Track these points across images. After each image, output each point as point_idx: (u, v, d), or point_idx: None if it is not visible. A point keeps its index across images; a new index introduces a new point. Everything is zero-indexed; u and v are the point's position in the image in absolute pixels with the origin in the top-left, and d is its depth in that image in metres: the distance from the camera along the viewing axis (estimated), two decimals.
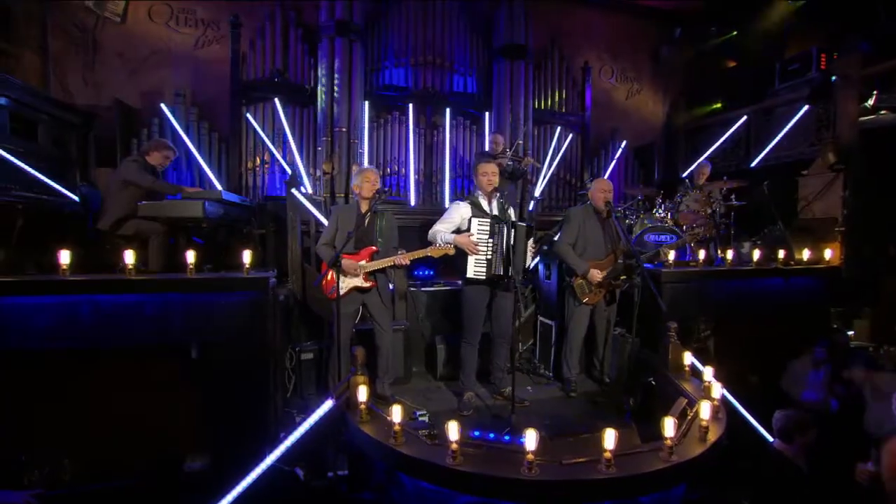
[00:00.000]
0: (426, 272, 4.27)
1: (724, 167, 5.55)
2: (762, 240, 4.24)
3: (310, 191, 4.93)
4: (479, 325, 2.91)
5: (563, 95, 6.24)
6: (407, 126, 5.43)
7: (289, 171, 4.58)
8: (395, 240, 2.93)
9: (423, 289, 3.86)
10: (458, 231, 2.87)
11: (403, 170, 5.43)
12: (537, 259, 2.94)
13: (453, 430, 1.66)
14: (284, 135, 5.08)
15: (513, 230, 2.68)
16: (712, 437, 1.88)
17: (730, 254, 3.46)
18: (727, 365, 2.61)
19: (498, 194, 2.87)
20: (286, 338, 3.16)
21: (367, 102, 5.33)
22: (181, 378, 2.35)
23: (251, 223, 3.70)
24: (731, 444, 2.10)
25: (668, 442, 1.72)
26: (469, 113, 5.75)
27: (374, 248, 2.79)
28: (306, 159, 5.22)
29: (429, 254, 2.64)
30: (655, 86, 6.88)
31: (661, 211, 4.47)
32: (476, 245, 2.72)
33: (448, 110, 5.57)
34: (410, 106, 5.43)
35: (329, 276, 2.68)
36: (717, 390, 2.01)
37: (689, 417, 1.97)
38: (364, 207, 2.79)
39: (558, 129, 6.13)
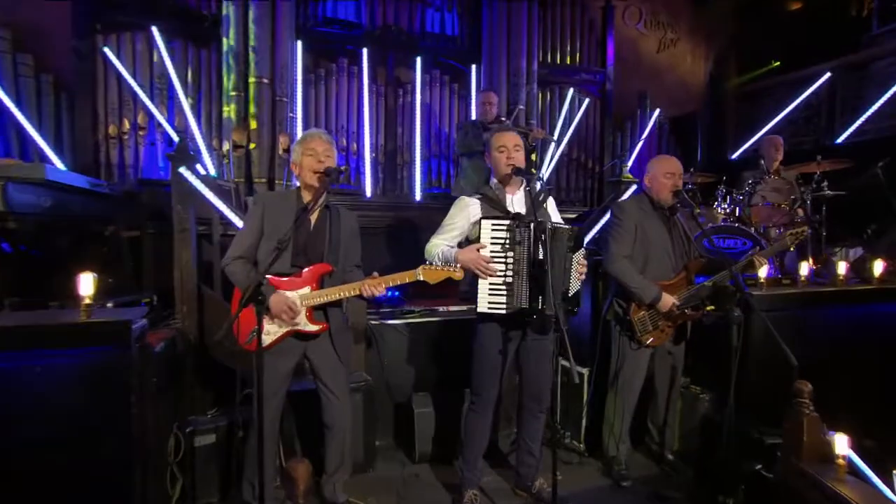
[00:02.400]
0: (391, 293, 3.85)
1: (794, 144, 5.40)
2: (869, 244, 4.01)
3: (212, 173, 4.45)
4: (493, 383, 2.53)
5: (578, 45, 6.10)
6: (360, 81, 5.20)
7: (176, 139, 4.01)
8: (356, 252, 2.48)
9: (389, 321, 3.48)
10: (466, 242, 2.48)
11: (355, 145, 5.20)
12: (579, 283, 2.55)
13: None
14: (171, 85, 4.52)
15: (547, 237, 2.28)
16: None
17: (841, 266, 3.15)
18: (828, 423, 2.31)
19: (525, 182, 2.53)
20: (170, 413, 2.62)
21: (300, 43, 4.92)
22: None
23: (114, 222, 3.26)
24: None
25: None
26: (449, 65, 5.56)
27: (325, 266, 2.29)
28: (206, 125, 4.70)
29: (421, 278, 2.21)
30: (696, 35, 6.80)
31: (725, 205, 4.21)
32: (488, 263, 2.32)
33: (419, 60, 5.38)
34: (365, 52, 5.22)
35: (245, 315, 2.10)
36: None
37: None
38: (307, 198, 2.33)
39: (570, 91, 6.00)
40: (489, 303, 2.34)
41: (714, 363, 3.18)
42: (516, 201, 2.51)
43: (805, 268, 3.15)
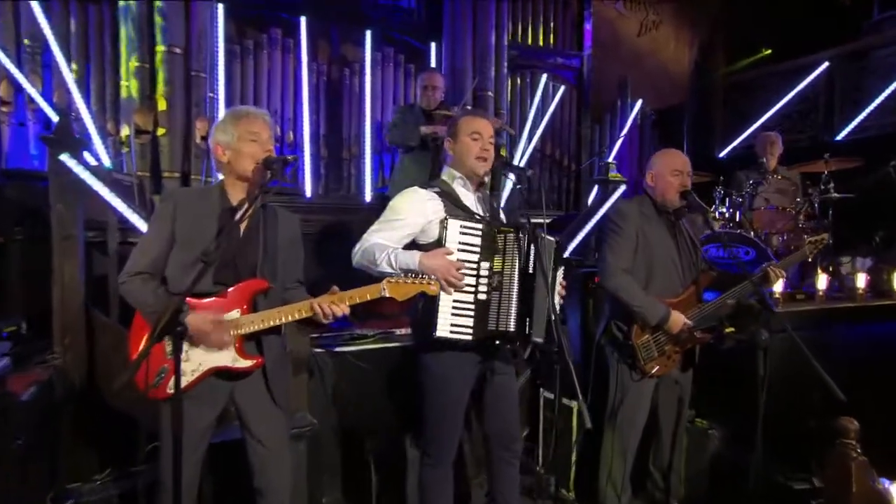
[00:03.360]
0: None
1: (790, 141, 5.57)
2: (879, 253, 4.16)
3: (106, 163, 4.12)
4: (454, 430, 2.42)
5: (552, 24, 6.17)
6: (297, 57, 5.06)
7: (55, 119, 3.69)
8: (298, 264, 2.32)
9: (336, 348, 3.34)
10: (416, 246, 2.35)
11: (291, 135, 5.07)
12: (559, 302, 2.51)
13: None
14: (47, 49, 4.14)
15: (541, 247, 2.22)
16: None
17: (860, 279, 3.22)
18: None
19: (487, 182, 2.50)
20: (43, 481, 2.42)
21: (221, 6, 4.67)
22: None
23: None
24: None
25: None
26: (404, 42, 5.51)
27: (259, 282, 2.11)
28: (97, 102, 4.36)
29: (386, 294, 2.05)
30: (680, 17, 7.02)
31: (723, 208, 4.27)
32: (458, 272, 2.22)
33: (368, 35, 5.24)
34: (303, 21, 5.03)
35: (151, 349, 1.82)
36: None
37: None
38: (237, 196, 2.14)
39: (544, 77, 6.06)
40: (452, 325, 2.21)
41: (724, 392, 3.16)
42: (478, 201, 2.45)
43: (823, 281, 3.18)
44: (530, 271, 2.20)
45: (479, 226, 2.25)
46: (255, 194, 2.02)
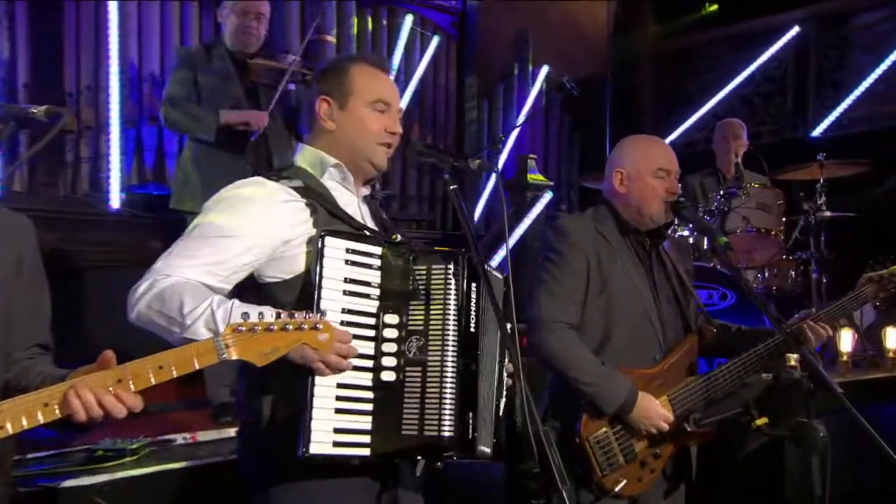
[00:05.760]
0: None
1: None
2: (885, 301, 4.49)
3: None
4: None
5: None
6: None
7: None
8: (41, 314, 2.09)
9: (64, 481, 3.04)
10: (262, 287, 2.24)
11: None
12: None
13: None
14: None
15: (483, 286, 2.14)
16: None
17: (891, 336, 3.41)
18: None
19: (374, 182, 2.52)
20: None
21: None
22: None
23: None
24: None
25: None
26: None
27: None
28: None
29: (229, 357, 1.81)
30: None
31: (684, 230, 4.45)
32: (344, 343, 2.03)
33: None
34: None
35: None
36: None
37: None
38: None
39: (408, 19, 6.23)
40: (337, 432, 2.05)
41: None
42: (364, 208, 2.39)
43: (847, 341, 3.34)
44: (472, 329, 2.08)
45: (378, 250, 2.10)
46: None
